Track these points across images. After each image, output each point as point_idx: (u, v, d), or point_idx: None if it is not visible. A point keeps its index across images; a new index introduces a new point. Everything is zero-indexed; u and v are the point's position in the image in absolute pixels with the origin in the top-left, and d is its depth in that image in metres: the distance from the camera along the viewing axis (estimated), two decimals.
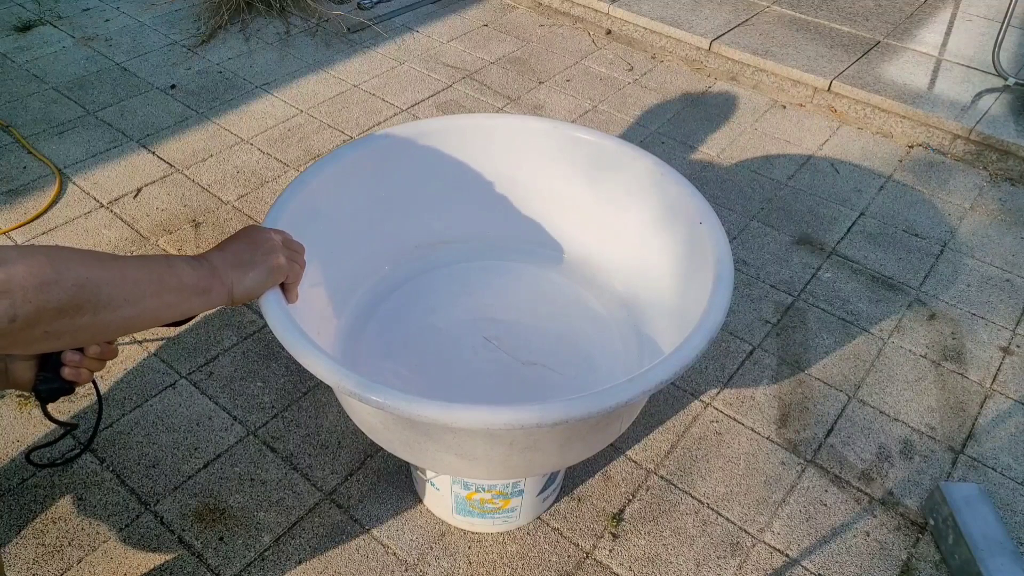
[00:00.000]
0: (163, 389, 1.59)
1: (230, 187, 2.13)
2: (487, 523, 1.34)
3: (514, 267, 1.33)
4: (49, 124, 2.35)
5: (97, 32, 2.86)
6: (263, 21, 2.99)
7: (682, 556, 1.34)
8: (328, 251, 1.11)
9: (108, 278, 0.66)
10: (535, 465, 1.05)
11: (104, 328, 0.67)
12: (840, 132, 2.49)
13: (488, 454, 0.97)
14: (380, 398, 0.81)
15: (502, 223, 1.34)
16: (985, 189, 2.26)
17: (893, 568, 1.34)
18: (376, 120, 2.43)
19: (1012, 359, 1.73)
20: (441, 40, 2.91)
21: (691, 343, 0.90)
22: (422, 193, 1.29)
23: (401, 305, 1.25)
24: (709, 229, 1.07)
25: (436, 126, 1.27)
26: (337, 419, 1.54)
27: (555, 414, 0.81)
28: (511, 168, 1.31)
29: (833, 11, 3.00)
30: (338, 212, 1.17)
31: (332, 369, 0.83)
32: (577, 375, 1.16)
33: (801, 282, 1.91)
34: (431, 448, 0.98)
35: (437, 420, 0.81)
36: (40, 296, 0.59)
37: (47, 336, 0.62)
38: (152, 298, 0.70)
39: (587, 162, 1.27)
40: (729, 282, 0.99)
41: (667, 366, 0.87)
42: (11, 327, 0.58)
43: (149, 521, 1.36)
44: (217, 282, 0.78)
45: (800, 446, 1.53)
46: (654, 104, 2.58)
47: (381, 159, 1.23)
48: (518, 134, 1.29)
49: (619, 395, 0.84)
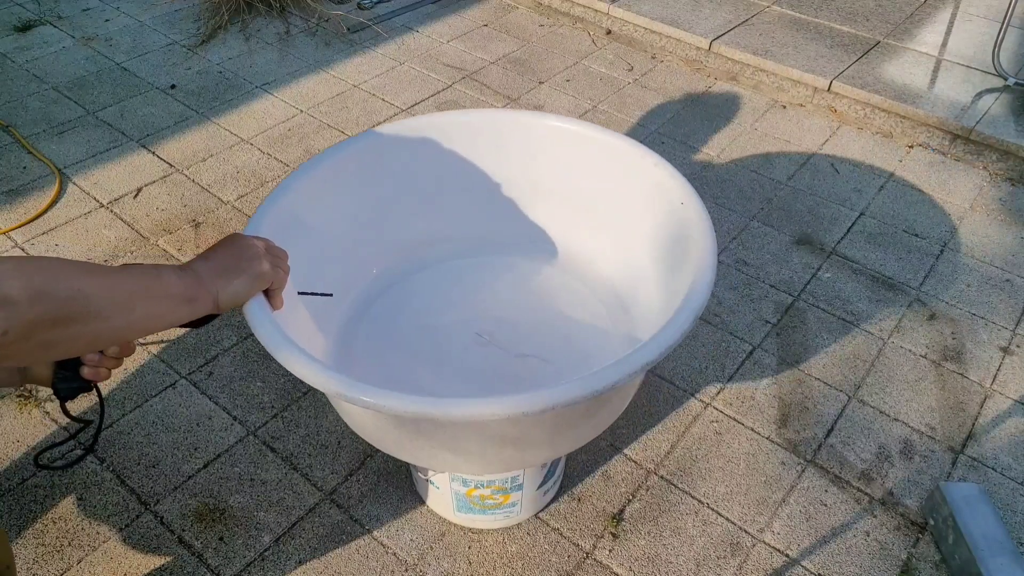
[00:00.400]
0: (163, 389, 1.59)
1: (230, 187, 2.13)
2: (488, 519, 1.34)
3: (505, 262, 1.33)
4: (49, 124, 2.35)
5: (97, 32, 2.86)
6: (263, 21, 2.99)
7: (682, 556, 1.34)
8: (315, 256, 1.11)
9: (98, 289, 0.66)
10: (528, 456, 1.05)
11: (96, 338, 0.68)
12: (840, 132, 2.49)
13: (481, 448, 0.97)
14: (367, 397, 0.81)
15: (490, 219, 1.34)
16: (985, 189, 2.26)
17: (893, 568, 1.34)
18: (376, 120, 2.43)
19: (1012, 359, 1.73)
20: (441, 40, 2.91)
21: (675, 323, 0.90)
22: (408, 192, 1.29)
23: (392, 305, 1.25)
24: (692, 212, 1.07)
25: (417, 124, 1.26)
26: (337, 419, 1.54)
27: (541, 401, 0.81)
28: (498, 164, 1.30)
29: (833, 11, 3.00)
30: (322, 216, 1.17)
31: (317, 371, 0.83)
32: (570, 366, 1.16)
33: (801, 282, 1.91)
34: (425, 445, 0.98)
35: (424, 415, 0.80)
36: (32, 309, 0.59)
37: (42, 346, 0.62)
38: (141, 308, 0.71)
39: (573, 154, 1.27)
40: (712, 262, 0.99)
41: (652, 347, 0.86)
42: (3, 340, 0.58)
43: (149, 521, 1.36)
44: (203, 291, 0.79)
45: (800, 446, 1.53)
46: (654, 104, 2.58)
47: (365, 160, 1.23)
48: (504, 129, 1.28)
49: (605, 378, 0.83)
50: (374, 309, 1.24)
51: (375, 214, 1.27)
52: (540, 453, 1.05)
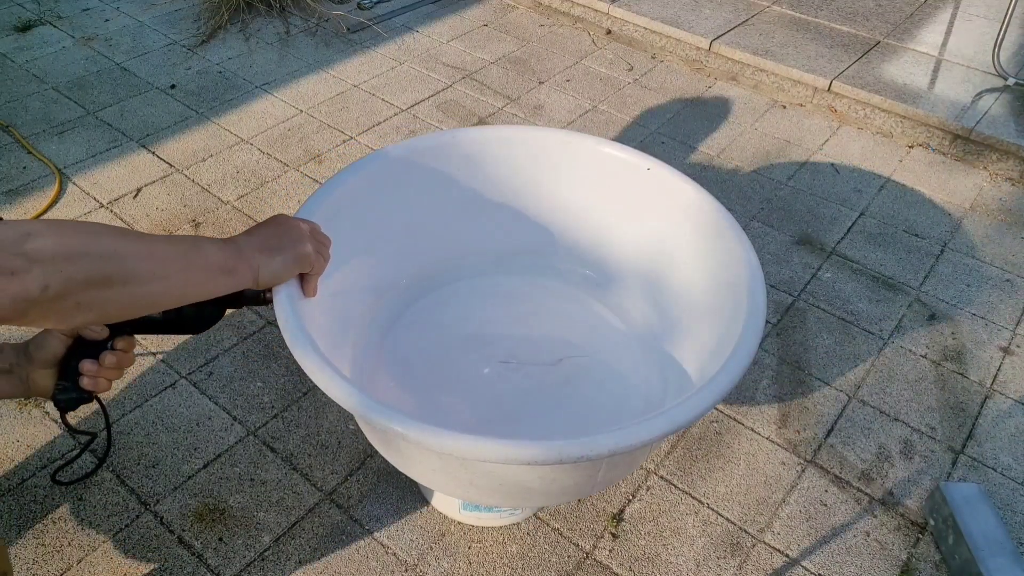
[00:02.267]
0: (163, 389, 1.59)
1: (230, 187, 2.13)
2: (494, 517, 1.34)
3: (532, 282, 1.33)
4: (49, 124, 2.35)
5: (97, 32, 2.86)
6: (263, 21, 2.99)
7: (682, 556, 1.34)
8: (353, 252, 1.10)
9: (135, 252, 0.67)
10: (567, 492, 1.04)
11: (133, 302, 0.68)
12: (840, 132, 2.48)
13: (522, 484, 0.95)
14: (400, 427, 0.79)
15: (523, 236, 1.33)
16: (985, 189, 2.26)
17: (893, 568, 1.34)
18: (376, 120, 2.43)
19: (1012, 359, 1.73)
20: (441, 40, 2.91)
21: (734, 363, 0.89)
22: (447, 204, 1.28)
23: (422, 317, 1.24)
24: (729, 228, 1.07)
25: (469, 136, 1.26)
26: (337, 419, 1.54)
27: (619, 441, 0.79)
28: (536, 182, 1.29)
29: (833, 11, 3.00)
30: (366, 217, 1.16)
31: (350, 393, 0.81)
32: (605, 371, 1.16)
33: (801, 282, 1.91)
34: (458, 477, 0.96)
35: (478, 456, 0.78)
36: (70, 266, 0.61)
37: (79, 308, 0.63)
38: (178, 274, 0.72)
39: (610, 177, 1.26)
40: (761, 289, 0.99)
41: (724, 378, 0.86)
42: (44, 296, 0.59)
43: (149, 521, 1.36)
44: (243, 264, 0.79)
45: (800, 446, 1.53)
46: (654, 104, 2.58)
47: (410, 166, 1.22)
48: (547, 147, 1.27)
49: (697, 406, 0.82)
50: (405, 317, 1.23)
51: (414, 222, 1.26)
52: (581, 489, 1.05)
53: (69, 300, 0.62)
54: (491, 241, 1.33)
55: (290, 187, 2.13)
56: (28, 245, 0.59)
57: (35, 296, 0.59)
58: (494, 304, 1.30)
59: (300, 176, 2.18)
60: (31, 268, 0.59)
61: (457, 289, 1.31)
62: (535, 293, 1.33)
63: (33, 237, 0.60)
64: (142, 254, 0.68)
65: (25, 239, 0.59)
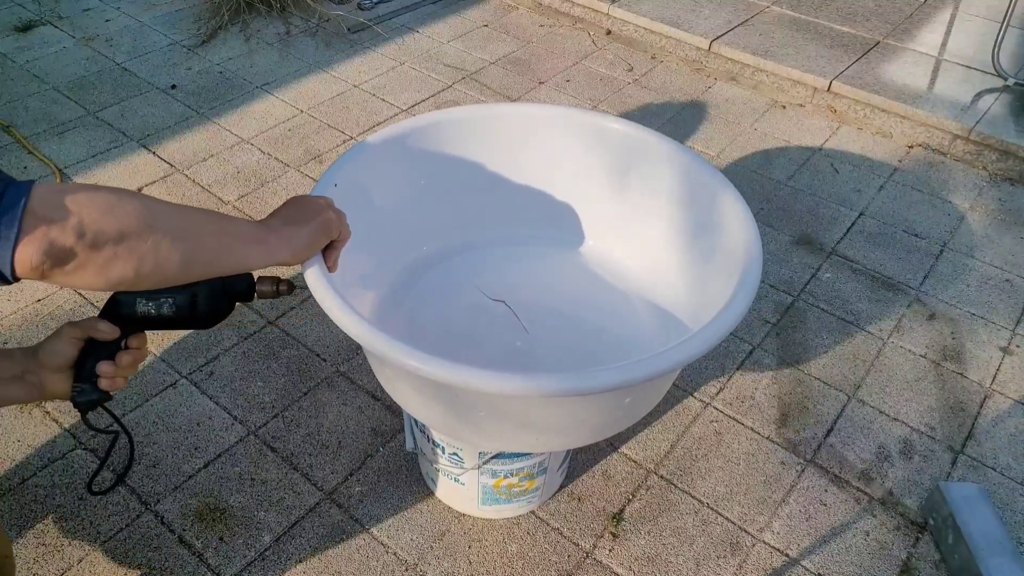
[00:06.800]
0: (163, 389, 1.59)
1: (230, 187, 2.13)
2: (513, 507, 1.36)
3: (541, 251, 1.34)
4: (49, 124, 2.35)
5: (97, 32, 2.86)
6: (263, 21, 2.99)
7: (682, 556, 1.34)
8: (372, 224, 1.11)
9: (167, 211, 0.70)
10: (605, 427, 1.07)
11: (168, 258, 0.70)
12: (840, 132, 2.49)
13: (560, 420, 0.98)
14: (462, 378, 0.81)
15: (535, 209, 1.34)
16: (985, 189, 2.26)
17: (893, 568, 1.34)
18: (376, 120, 2.43)
19: (1012, 359, 1.73)
20: (441, 40, 2.91)
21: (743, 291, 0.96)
22: (457, 178, 1.29)
23: (434, 286, 1.26)
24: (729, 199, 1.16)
25: (480, 112, 1.28)
26: (337, 419, 1.54)
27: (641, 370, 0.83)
28: (548, 157, 1.31)
29: (833, 11, 3.00)
30: (382, 188, 1.18)
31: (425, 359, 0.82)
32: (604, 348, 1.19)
33: (801, 282, 1.91)
34: (490, 422, 0.98)
35: (523, 392, 0.82)
36: (105, 216, 0.64)
37: (116, 259, 0.65)
38: (212, 236, 0.74)
39: (613, 150, 1.28)
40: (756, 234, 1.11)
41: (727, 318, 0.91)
42: (81, 243, 0.62)
43: (149, 521, 1.36)
44: (274, 236, 0.81)
45: (800, 446, 1.53)
46: (654, 104, 2.58)
47: (428, 139, 1.23)
48: (561, 123, 1.29)
49: (691, 349, 0.87)
50: (421, 282, 1.25)
51: (427, 193, 1.27)
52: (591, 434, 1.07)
53: (106, 250, 0.64)
54: (505, 212, 1.35)
55: (291, 187, 2.13)
56: (65, 197, 0.62)
57: (71, 242, 0.62)
58: (503, 272, 1.32)
59: (301, 176, 2.18)
60: (68, 217, 0.62)
61: (469, 258, 1.33)
62: (539, 261, 1.34)
63: (69, 192, 0.63)
64: (174, 213, 0.71)
65: (62, 193, 0.63)
